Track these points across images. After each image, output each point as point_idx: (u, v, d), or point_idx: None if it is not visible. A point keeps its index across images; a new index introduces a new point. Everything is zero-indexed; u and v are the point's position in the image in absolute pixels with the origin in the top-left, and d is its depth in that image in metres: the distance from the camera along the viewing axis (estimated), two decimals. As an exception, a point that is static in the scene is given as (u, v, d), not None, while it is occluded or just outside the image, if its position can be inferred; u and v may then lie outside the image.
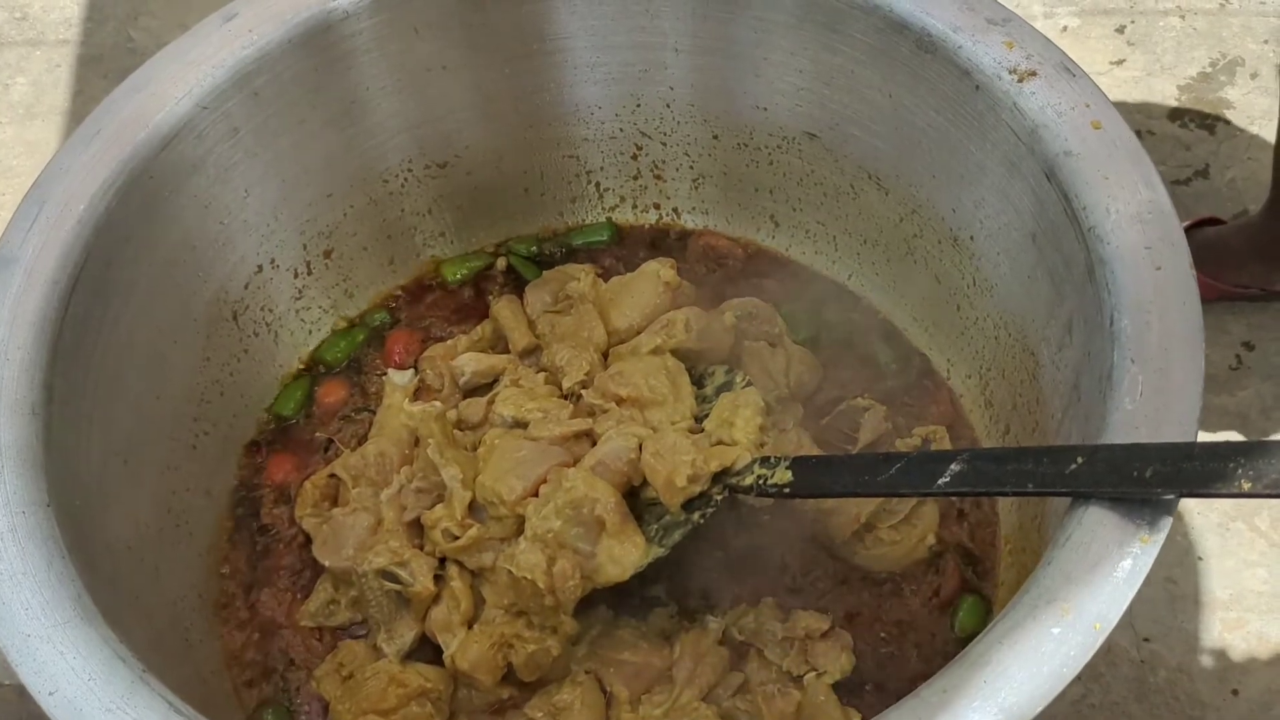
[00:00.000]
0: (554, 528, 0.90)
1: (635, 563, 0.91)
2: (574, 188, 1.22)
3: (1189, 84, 2.10)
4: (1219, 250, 1.74)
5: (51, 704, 0.64)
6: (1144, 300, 0.72)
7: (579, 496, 0.90)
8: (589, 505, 0.90)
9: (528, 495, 0.92)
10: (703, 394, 1.02)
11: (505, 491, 0.91)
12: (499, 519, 0.92)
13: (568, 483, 0.91)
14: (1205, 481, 0.62)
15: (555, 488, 0.91)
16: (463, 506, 0.92)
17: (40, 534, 0.71)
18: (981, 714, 0.59)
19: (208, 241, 1.00)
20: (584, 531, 0.91)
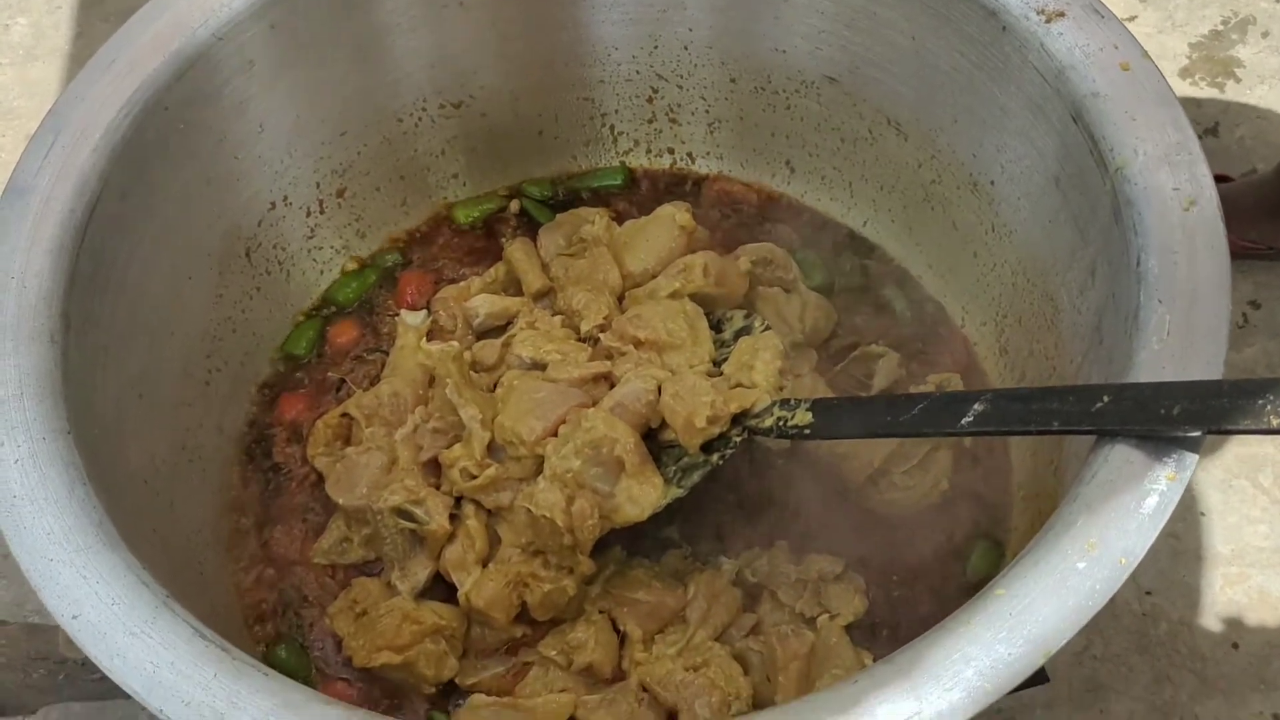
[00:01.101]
0: (573, 467, 0.90)
1: (654, 503, 0.91)
2: (588, 131, 1.21)
3: (1200, 42, 2.08)
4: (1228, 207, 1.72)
5: (75, 627, 0.64)
6: (1171, 241, 0.72)
7: (598, 437, 0.90)
8: (608, 445, 0.90)
9: (547, 435, 0.92)
10: (720, 338, 1.01)
11: (525, 432, 0.91)
12: (518, 459, 0.92)
13: (587, 423, 0.91)
14: (1234, 418, 0.62)
15: (575, 428, 0.91)
16: (482, 446, 0.92)
17: (61, 460, 0.71)
18: (1008, 645, 0.59)
19: (222, 176, 0.99)
20: (603, 472, 0.91)
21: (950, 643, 0.60)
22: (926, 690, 0.58)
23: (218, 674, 0.62)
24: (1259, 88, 2.02)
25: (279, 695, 0.61)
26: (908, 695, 0.58)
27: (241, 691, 0.61)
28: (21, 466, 0.70)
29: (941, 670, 0.59)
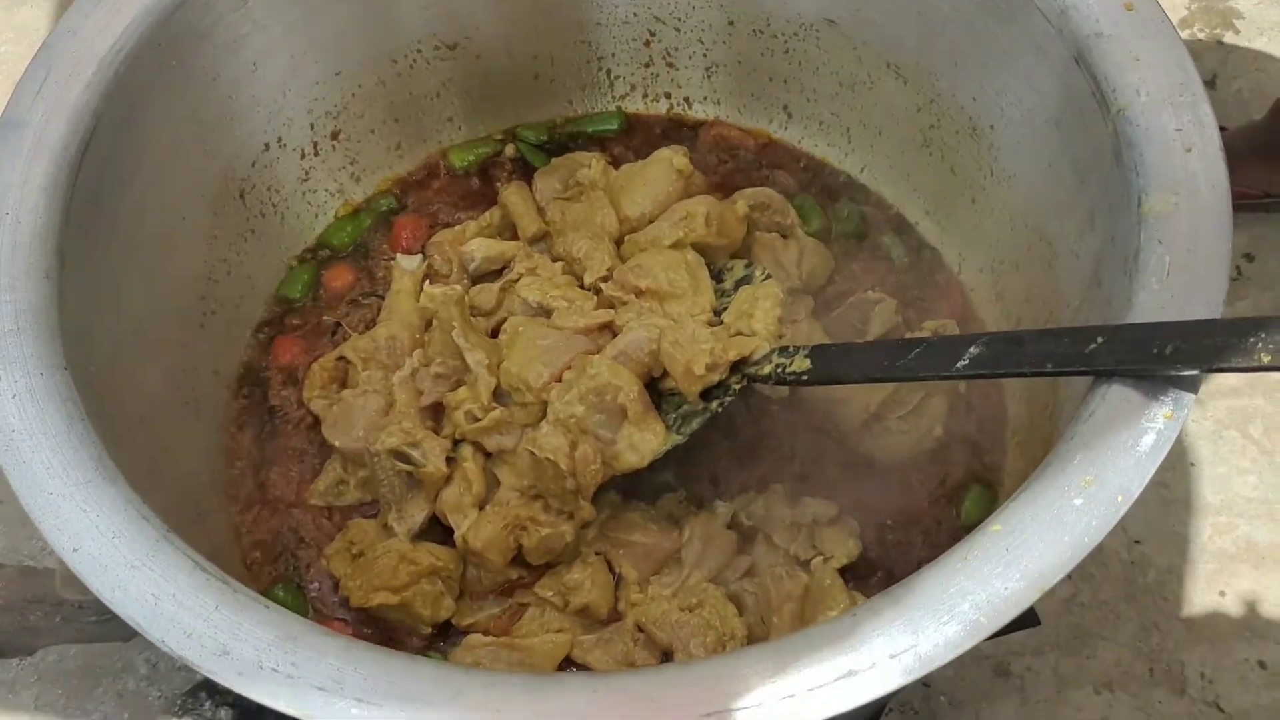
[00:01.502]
0: (576, 413, 0.90)
1: (654, 450, 0.91)
2: (584, 75, 1.20)
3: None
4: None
5: (76, 560, 0.64)
6: (1173, 182, 0.72)
7: (603, 384, 0.91)
8: (612, 393, 0.91)
9: (553, 381, 0.92)
10: (721, 288, 1.01)
11: (532, 377, 0.91)
12: (523, 405, 0.93)
13: (592, 370, 0.91)
14: (1226, 356, 0.62)
15: (580, 374, 0.91)
16: (488, 391, 0.92)
17: (59, 395, 0.71)
18: (1004, 580, 0.60)
19: (215, 115, 0.98)
20: (605, 419, 0.91)
21: (947, 577, 0.61)
22: (923, 623, 0.59)
23: (219, 606, 0.62)
24: (1258, 39, 2.01)
25: (280, 627, 0.62)
26: (904, 629, 0.59)
27: (243, 624, 0.62)
28: (19, 401, 0.70)
29: (938, 604, 0.59)
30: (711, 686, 0.58)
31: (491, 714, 0.57)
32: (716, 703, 0.57)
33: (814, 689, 0.57)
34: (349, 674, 0.59)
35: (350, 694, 0.58)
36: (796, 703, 0.57)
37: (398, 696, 0.58)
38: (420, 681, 0.59)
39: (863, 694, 0.57)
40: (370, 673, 0.59)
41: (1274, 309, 1.73)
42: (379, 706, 0.58)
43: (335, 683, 0.59)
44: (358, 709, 0.58)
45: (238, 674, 0.60)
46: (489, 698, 0.58)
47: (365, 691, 0.58)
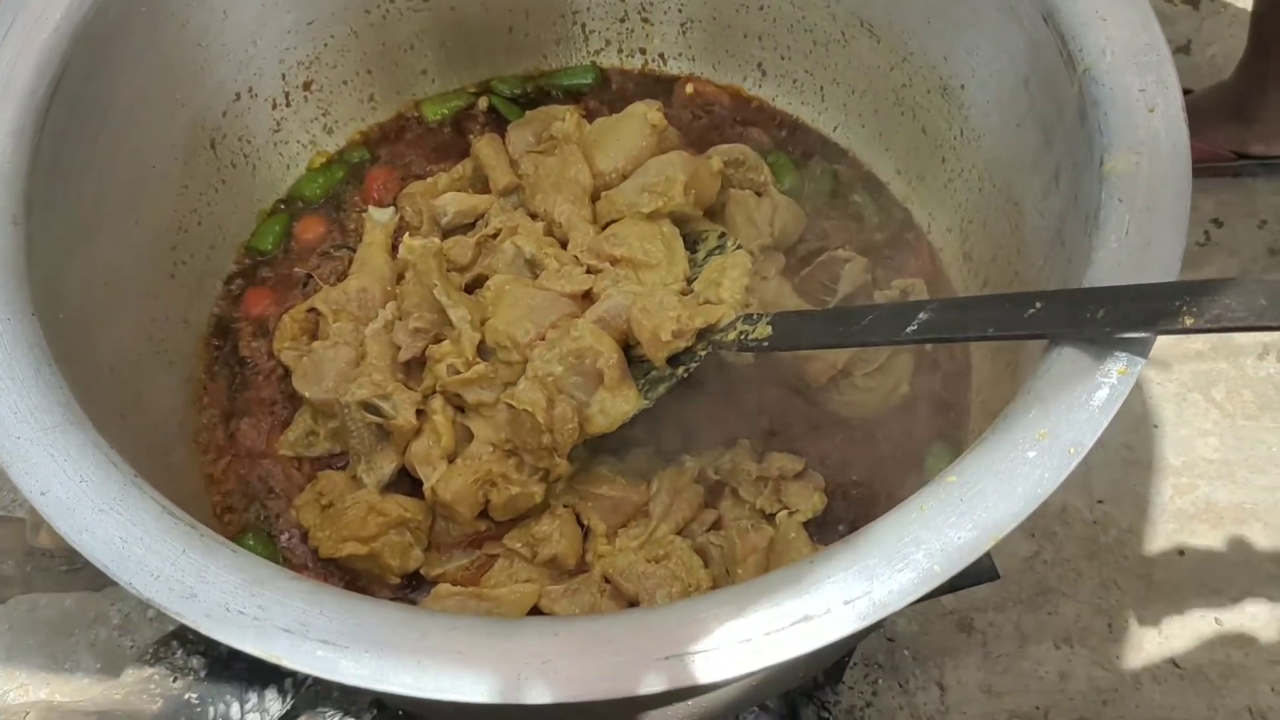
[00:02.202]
0: (555, 372, 0.91)
1: (623, 416, 0.93)
2: (559, 28, 1.20)
3: (1178, -43, 2.07)
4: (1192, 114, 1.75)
5: (44, 504, 0.64)
6: (1135, 141, 0.73)
7: (584, 347, 0.92)
8: (592, 357, 0.92)
9: (537, 339, 0.93)
10: (694, 258, 1.02)
11: (519, 334, 0.92)
12: (508, 362, 0.93)
13: (575, 332, 0.92)
14: (1151, 320, 0.64)
15: (563, 335, 0.92)
16: (472, 345, 0.93)
17: (26, 341, 0.71)
18: (957, 529, 0.61)
19: (185, 63, 0.98)
20: (582, 381, 0.92)
21: (902, 526, 0.62)
22: (878, 570, 0.60)
23: (186, 550, 0.63)
24: (1232, 6, 2.02)
25: (248, 571, 0.62)
26: (860, 576, 0.60)
27: (210, 567, 0.62)
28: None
29: (893, 552, 0.61)
30: (671, 630, 0.59)
31: (455, 655, 0.59)
32: (675, 646, 0.59)
33: (770, 633, 0.59)
34: (315, 617, 0.60)
35: (316, 636, 0.59)
36: (753, 646, 0.58)
37: (363, 639, 0.59)
38: (386, 624, 0.60)
39: (818, 638, 0.58)
40: (336, 615, 0.60)
41: (1240, 273, 1.76)
42: (345, 649, 0.59)
43: (301, 625, 0.60)
44: (323, 650, 0.59)
45: (205, 616, 0.61)
46: (454, 640, 0.59)
47: (331, 634, 0.59)
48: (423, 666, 0.58)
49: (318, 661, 0.59)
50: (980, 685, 1.44)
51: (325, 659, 0.59)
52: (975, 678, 1.44)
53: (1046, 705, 1.42)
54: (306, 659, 0.59)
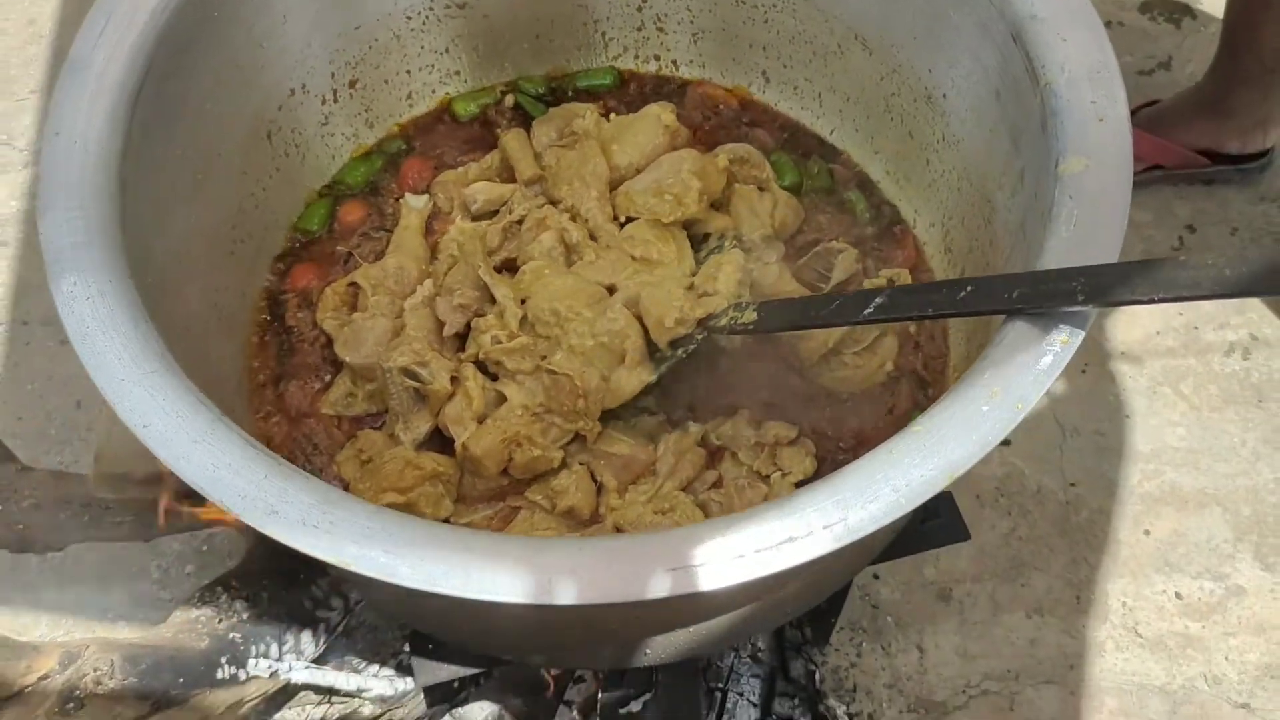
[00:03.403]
0: (587, 346, 1.03)
1: (631, 392, 1.05)
2: (581, 36, 1.31)
3: (1162, -23, 2.18)
4: (1167, 117, 1.86)
5: (146, 435, 0.76)
6: (1086, 147, 0.84)
7: (618, 329, 1.04)
8: (620, 338, 1.04)
9: (573, 316, 1.04)
10: (697, 255, 1.14)
11: (564, 309, 1.04)
12: (545, 336, 1.05)
13: (612, 314, 1.04)
14: (1056, 299, 0.76)
15: (599, 315, 1.04)
16: (515, 319, 1.05)
17: (125, 299, 0.82)
18: (920, 469, 0.72)
19: (249, 62, 1.09)
20: (608, 356, 1.04)
21: (874, 468, 0.73)
22: (852, 502, 0.71)
23: (268, 475, 0.74)
24: (1212, 25, 2.13)
25: (320, 494, 0.74)
26: (836, 506, 0.71)
27: (289, 489, 0.74)
28: (92, 303, 0.81)
29: (865, 487, 0.72)
30: (677, 547, 0.71)
31: (495, 564, 0.70)
32: (680, 559, 0.70)
33: (759, 550, 0.70)
34: (377, 530, 0.71)
35: (379, 545, 0.71)
36: (744, 560, 0.69)
37: (418, 550, 0.71)
38: (437, 539, 0.71)
39: (800, 556, 0.70)
40: (396, 531, 0.72)
41: (1212, 277, 1.87)
42: (403, 557, 0.70)
43: (366, 537, 0.71)
44: (385, 557, 0.70)
45: (285, 529, 0.72)
46: (494, 552, 0.71)
47: (391, 544, 0.71)
48: (468, 573, 0.70)
49: (380, 567, 0.70)
50: (956, 649, 1.55)
51: (387, 565, 0.70)
52: (952, 642, 1.55)
53: (1017, 669, 1.53)
54: (371, 564, 0.70)
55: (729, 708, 1.31)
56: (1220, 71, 1.83)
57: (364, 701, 1.35)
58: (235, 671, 1.24)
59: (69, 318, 0.80)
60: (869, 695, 1.52)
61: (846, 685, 1.52)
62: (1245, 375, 1.76)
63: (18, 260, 1.92)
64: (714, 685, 1.34)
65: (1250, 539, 1.62)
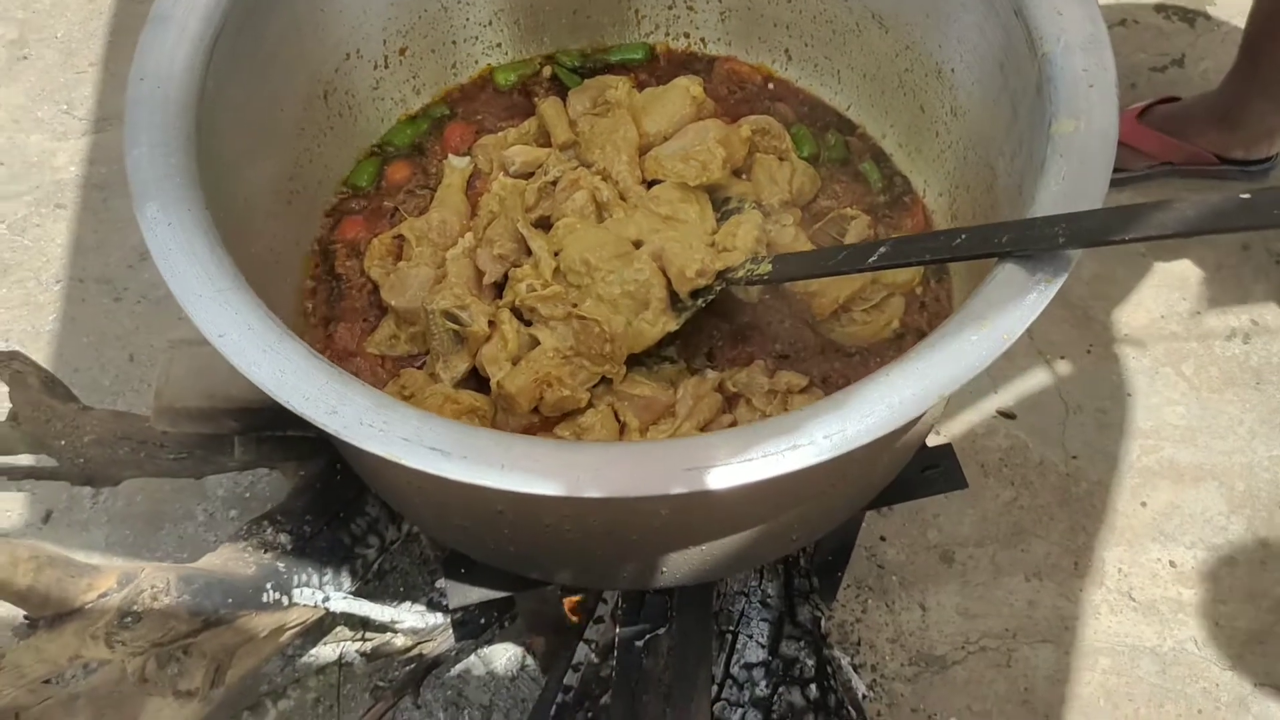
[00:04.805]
0: (614, 294, 1.11)
1: (652, 339, 1.13)
2: (616, 13, 1.40)
3: (1177, -23, 2.25)
4: (1181, 118, 1.94)
5: (222, 344, 0.84)
6: (1076, 110, 0.92)
7: (644, 279, 1.12)
8: (645, 289, 1.12)
9: (602, 267, 1.13)
10: (717, 216, 1.22)
11: (594, 259, 1.12)
12: (576, 285, 1.13)
13: (638, 264, 1.12)
14: (1040, 243, 0.84)
15: (626, 265, 1.12)
16: (549, 269, 1.13)
17: (202, 227, 0.91)
18: (914, 388, 0.80)
19: (309, 24, 1.18)
20: (633, 305, 1.13)
21: (872, 388, 0.81)
22: (850, 416, 0.79)
23: (329, 381, 0.83)
24: (1226, 24, 2.20)
25: (374, 399, 0.82)
26: (837, 420, 0.79)
27: (347, 394, 0.82)
28: (173, 228, 0.90)
29: (863, 404, 0.80)
30: (694, 451, 0.79)
31: (532, 461, 0.78)
32: (696, 461, 0.78)
33: (767, 455, 0.78)
34: (427, 431, 0.80)
35: (428, 443, 0.79)
36: (754, 463, 0.78)
37: (463, 448, 0.79)
38: (480, 439, 0.80)
39: (804, 460, 0.78)
40: (443, 432, 0.80)
41: (1216, 267, 1.94)
42: (449, 454, 0.79)
43: (416, 435, 0.80)
44: (432, 454, 0.79)
45: (343, 426, 0.80)
46: (531, 451, 0.79)
47: (439, 443, 0.79)
48: (506, 469, 0.78)
49: (429, 461, 0.78)
50: (958, 609, 1.62)
51: (434, 460, 0.78)
52: (953, 602, 1.63)
53: (1015, 628, 1.61)
54: (420, 458, 0.78)
55: (738, 648, 1.39)
56: (1237, 81, 1.90)
57: (397, 634, 1.44)
58: (279, 597, 1.33)
59: (152, 240, 0.89)
60: (872, 648, 1.59)
61: (851, 639, 1.60)
62: (1245, 359, 1.83)
63: (76, 222, 2.03)
64: (725, 628, 1.42)
65: (1244, 513, 1.69)
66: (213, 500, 1.71)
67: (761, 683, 1.36)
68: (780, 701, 1.36)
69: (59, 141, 2.14)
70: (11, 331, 1.89)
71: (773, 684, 1.37)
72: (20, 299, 1.94)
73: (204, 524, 1.69)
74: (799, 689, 1.37)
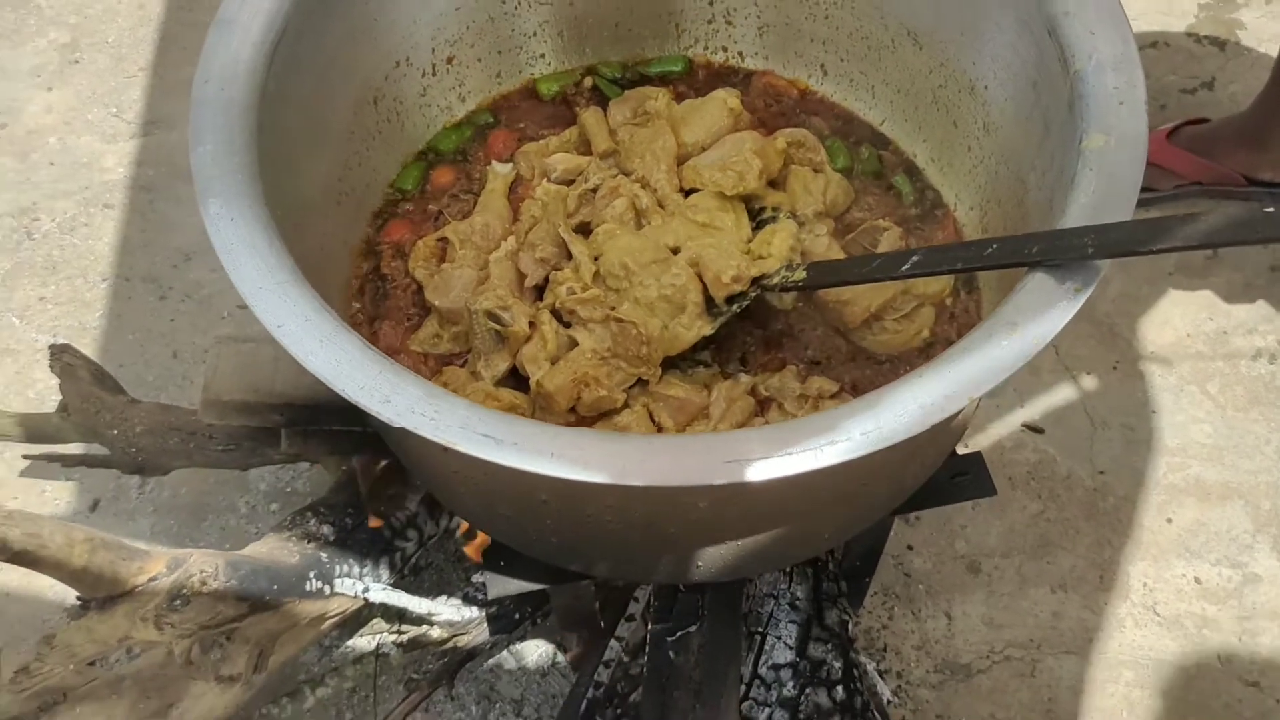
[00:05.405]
0: (651, 298, 1.15)
1: (687, 342, 1.16)
2: (656, 26, 1.44)
3: (1209, 3, 2.28)
4: (1210, 139, 1.96)
5: (280, 334, 0.88)
6: (1107, 126, 0.95)
7: (681, 284, 1.15)
8: (682, 293, 1.15)
9: (640, 270, 1.16)
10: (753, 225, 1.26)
11: (632, 264, 1.16)
12: (615, 289, 1.17)
13: (676, 269, 1.15)
14: (1069, 253, 0.87)
15: (664, 270, 1.15)
16: (589, 273, 1.17)
17: (263, 222, 0.95)
18: (945, 389, 0.83)
19: (363, 32, 1.23)
20: (670, 309, 1.16)
21: (905, 389, 0.84)
22: (884, 415, 0.82)
23: (382, 371, 0.87)
24: (1255, 50, 2.22)
25: (426, 388, 0.86)
26: (871, 417, 0.82)
27: (400, 384, 0.86)
28: (234, 222, 0.94)
29: (896, 404, 0.83)
30: (734, 445, 0.82)
31: (579, 450, 0.82)
32: (737, 454, 0.81)
33: (805, 450, 0.81)
34: (476, 420, 0.84)
35: (479, 430, 0.83)
36: (792, 457, 0.81)
37: (513, 436, 0.82)
38: (529, 429, 0.83)
39: (840, 455, 0.81)
40: (490, 419, 0.84)
41: (1244, 287, 1.96)
42: (499, 441, 0.82)
43: (468, 423, 0.83)
44: (483, 441, 0.82)
45: (396, 414, 0.84)
46: (578, 441, 0.82)
47: (490, 429, 0.83)
48: (555, 456, 0.81)
49: (482, 448, 0.82)
50: (983, 618, 1.64)
51: (486, 446, 0.82)
52: (979, 611, 1.65)
53: (1040, 638, 1.63)
54: (473, 444, 0.82)
55: (767, 649, 1.42)
56: (1267, 103, 1.92)
57: (433, 626, 1.48)
58: (321, 586, 1.36)
59: (215, 234, 0.93)
60: (898, 655, 1.61)
61: (877, 645, 1.62)
62: (1271, 379, 1.84)
63: (124, 222, 2.08)
64: (754, 629, 1.44)
65: (1269, 531, 1.70)
66: (255, 494, 1.75)
67: (789, 683, 1.39)
68: (807, 702, 1.38)
69: (108, 144, 2.20)
70: (59, 327, 1.95)
71: (800, 685, 1.39)
72: (68, 295, 1.99)
73: (246, 516, 1.74)
74: (826, 690, 1.39)
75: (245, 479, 1.75)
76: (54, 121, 2.24)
